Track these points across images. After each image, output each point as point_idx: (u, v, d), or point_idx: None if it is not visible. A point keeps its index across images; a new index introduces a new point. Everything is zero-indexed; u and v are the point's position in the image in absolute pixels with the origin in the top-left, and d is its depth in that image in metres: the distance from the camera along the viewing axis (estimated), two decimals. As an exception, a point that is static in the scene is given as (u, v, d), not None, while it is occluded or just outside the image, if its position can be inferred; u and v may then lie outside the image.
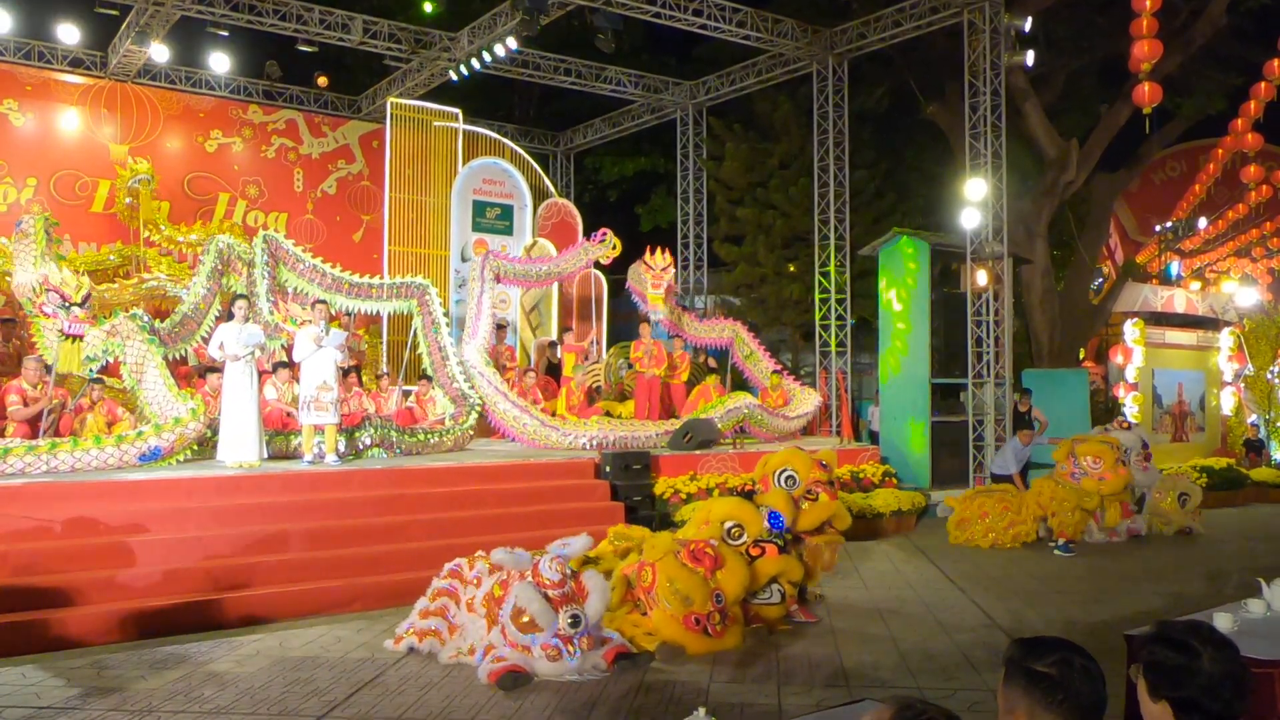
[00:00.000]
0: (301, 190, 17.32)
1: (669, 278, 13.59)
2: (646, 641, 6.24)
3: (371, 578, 7.87)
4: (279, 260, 11.44)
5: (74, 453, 8.54)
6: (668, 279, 13.57)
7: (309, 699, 5.41)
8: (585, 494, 10.15)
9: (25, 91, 15.04)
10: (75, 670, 5.92)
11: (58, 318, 9.54)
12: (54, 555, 7.11)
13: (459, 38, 15.49)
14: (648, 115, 19.87)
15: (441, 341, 12.03)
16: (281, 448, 9.94)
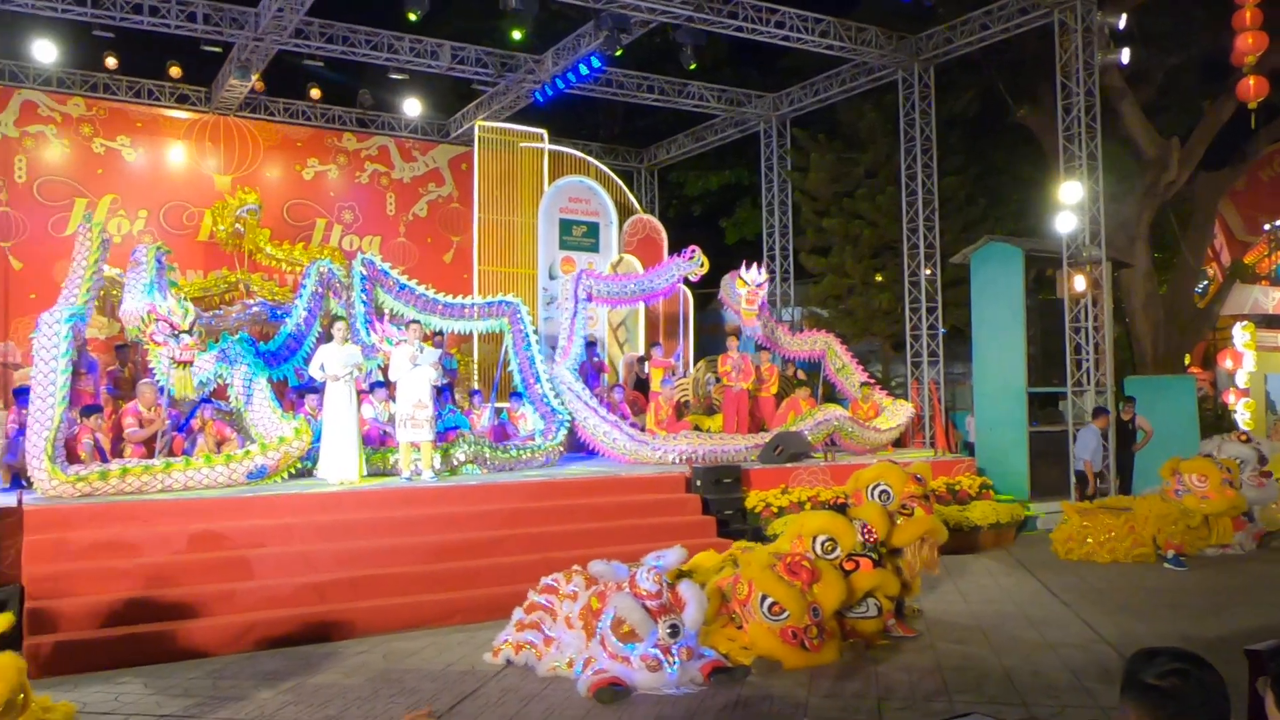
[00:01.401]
0: (394, 214, 17.79)
1: (764, 293, 13.51)
2: (743, 655, 6.23)
3: (470, 591, 8.02)
4: (376, 282, 11.77)
5: (186, 471, 8.92)
6: (763, 294, 13.50)
7: (413, 710, 5.52)
8: (676, 508, 10.16)
9: (136, 128, 15.80)
10: (194, 680, 6.17)
11: (168, 345, 9.98)
12: (172, 570, 7.42)
13: (543, 59, 15.75)
14: (731, 129, 19.89)
15: (532, 358, 12.20)
16: (380, 465, 10.21)
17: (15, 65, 15.20)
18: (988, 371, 13.92)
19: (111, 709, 5.62)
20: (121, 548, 7.55)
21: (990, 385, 13.84)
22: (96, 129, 15.35)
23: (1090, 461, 12.15)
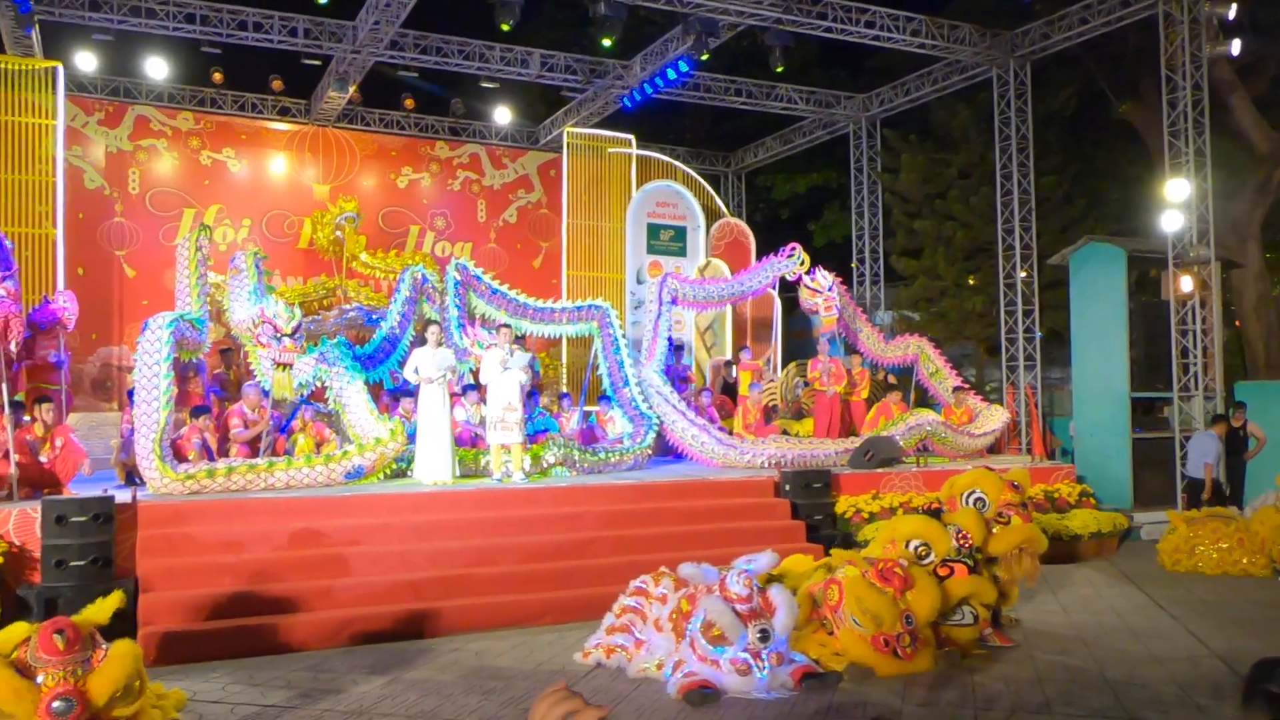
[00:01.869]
0: (484, 220, 18.08)
1: (838, 297, 13.30)
2: (834, 662, 6.15)
3: (560, 592, 8.09)
4: (469, 287, 11.98)
5: (288, 471, 9.21)
6: (837, 298, 13.29)
7: (506, 707, 5.61)
8: (765, 512, 10.09)
9: (241, 140, 16.40)
10: (295, 673, 6.36)
11: (271, 348, 10.33)
12: (275, 566, 7.67)
13: (631, 65, 15.85)
14: (820, 130, 19.70)
15: (621, 362, 12.26)
16: (472, 466, 10.39)
17: (130, 82, 15.94)
18: (1088, 376, 13.48)
19: (219, 698, 5.83)
20: (227, 544, 7.84)
21: (1091, 390, 13.40)
22: (204, 142, 15.97)
23: (1211, 464, 11.59)
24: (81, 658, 4.42)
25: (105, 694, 4.38)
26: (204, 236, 11.14)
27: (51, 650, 4.36)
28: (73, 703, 4.27)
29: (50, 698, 4.26)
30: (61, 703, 4.25)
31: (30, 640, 4.41)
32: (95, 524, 7.24)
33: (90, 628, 4.61)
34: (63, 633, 4.39)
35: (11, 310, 8.27)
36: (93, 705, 4.35)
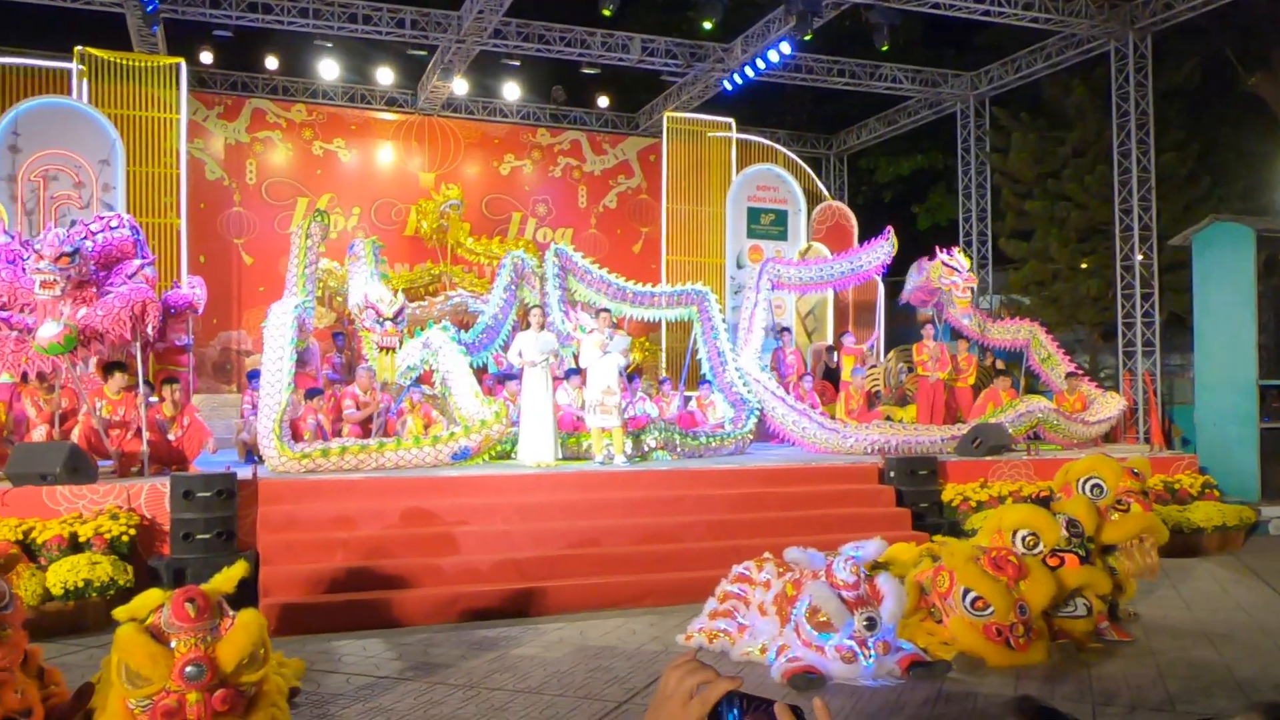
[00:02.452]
0: (585, 206, 18.21)
1: (975, 280, 12.97)
2: (942, 650, 6.03)
3: (661, 575, 8.12)
4: (569, 271, 12.09)
5: (398, 451, 9.47)
6: (974, 281, 12.95)
7: (610, 685, 5.66)
8: (869, 499, 9.94)
9: (350, 130, 16.86)
10: (407, 646, 6.55)
11: (375, 332, 10.62)
12: (386, 543, 7.90)
13: (732, 47, 15.72)
14: (925, 111, 19.20)
15: (721, 346, 12.21)
16: (574, 449, 10.50)
17: (247, 76, 16.53)
18: (1212, 363, 12.85)
19: (335, 668, 6.05)
20: (340, 520, 8.10)
21: (1214, 378, 12.78)
22: (316, 133, 16.47)
23: None
24: (210, 625, 4.62)
25: (233, 661, 4.57)
26: (316, 223, 11.49)
27: (183, 617, 4.56)
28: (203, 668, 4.46)
29: (183, 663, 4.46)
30: (193, 668, 4.44)
31: (164, 607, 4.63)
32: (219, 499, 7.57)
33: (218, 596, 4.81)
34: (194, 601, 4.59)
35: (149, 295, 8.68)
36: (221, 671, 4.54)
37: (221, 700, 4.48)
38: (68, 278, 8.48)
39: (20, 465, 7.83)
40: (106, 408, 9.06)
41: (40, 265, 8.37)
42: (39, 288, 8.42)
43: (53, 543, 7.19)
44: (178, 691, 4.44)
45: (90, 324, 8.44)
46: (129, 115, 13.85)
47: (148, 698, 4.45)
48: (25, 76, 13.77)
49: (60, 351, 8.27)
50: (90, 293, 8.78)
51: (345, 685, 5.71)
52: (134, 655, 4.44)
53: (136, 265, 9.42)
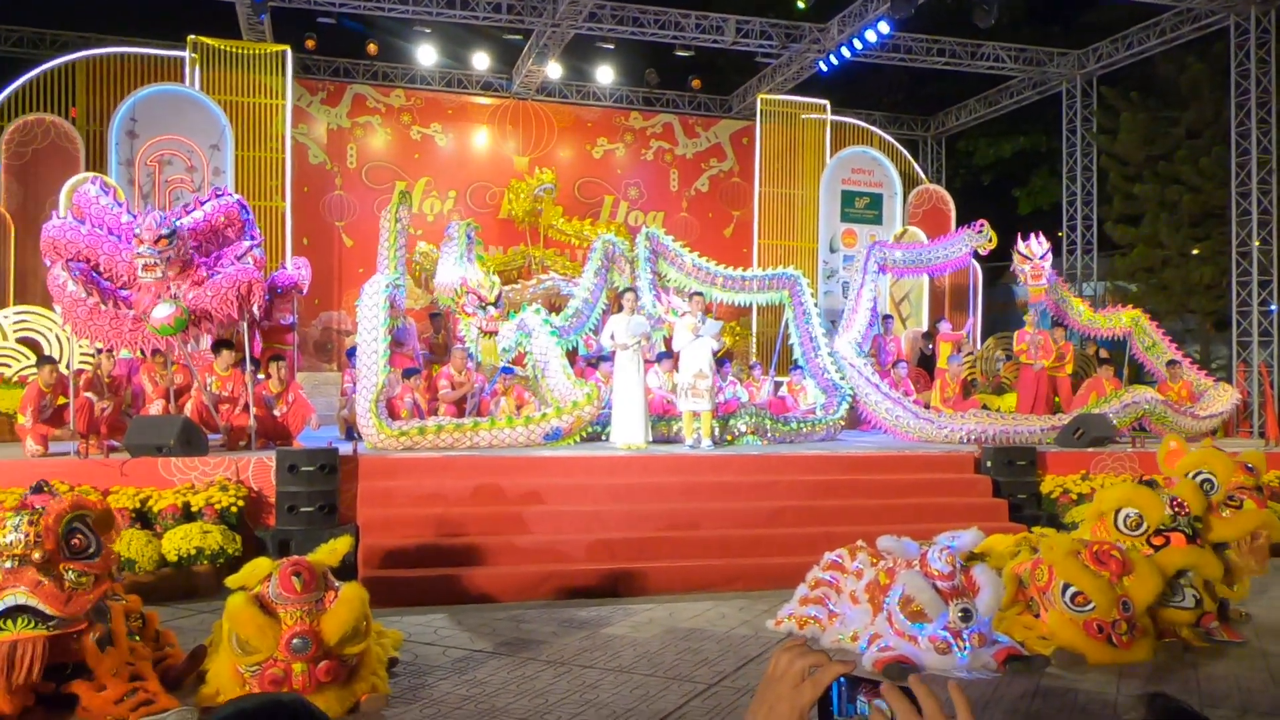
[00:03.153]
0: (676, 189, 18.18)
1: (1049, 266, 12.60)
2: (1040, 645, 5.88)
3: (750, 559, 8.11)
4: (659, 255, 12.10)
5: (491, 431, 9.64)
6: (1048, 267, 12.58)
7: (700, 667, 5.68)
8: (964, 489, 9.74)
9: (447, 115, 17.14)
10: (499, 621, 6.68)
11: (477, 316, 10.81)
12: (479, 520, 8.06)
13: (828, 28, 15.47)
14: (1029, 91, 18.60)
15: (813, 331, 12.09)
16: (664, 432, 10.54)
17: (348, 63, 16.94)
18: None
19: (431, 640, 6.20)
20: (436, 497, 8.29)
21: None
22: (414, 117, 16.79)
23: None
24: (316, 598, 4.80)
25: (336, 634, 4.74)
26: (404, 206, 11.71)
27: (290, 589, 4.75)
28: (309, 641, 4.64)
29: (289, 635, 4.65)
30: (299, 641, 4.63)
31: (271, 577, 4.82)
32: (322, 474, 7.82)
33: (323, 569, 4.99)
34: (300, 575, 4.78)
35: (255, 276, 9.00)
36: (325, 644, 4.72)
37: (325, 671, 4.65)
38: (166, 259, 8.79)
39: (138, 437, 8.22)
40: (216, 383, 9.45)
41: (141, 249, 8.71)
42: (141, 270, 8.78)
43: (167, 511, 7.53)
44: (284, 661, 4.63)
45: (200, 304, 8.79)
46: (238, 101, 14.33)
47: (256, 664, 4.65)
48: (142, 65, 14.35)
49: (172, 331, 8.63)
50: (200, 274, 9.12)
51: (441, 657, 5.85)
52: (244, 626, 4.63)
53: (246, 246, 9.74)
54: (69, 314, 8.76)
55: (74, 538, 4.54)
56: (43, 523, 4.44)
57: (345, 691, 4.83)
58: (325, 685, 4.71)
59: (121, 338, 8.92)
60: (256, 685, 4.67)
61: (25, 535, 4.38)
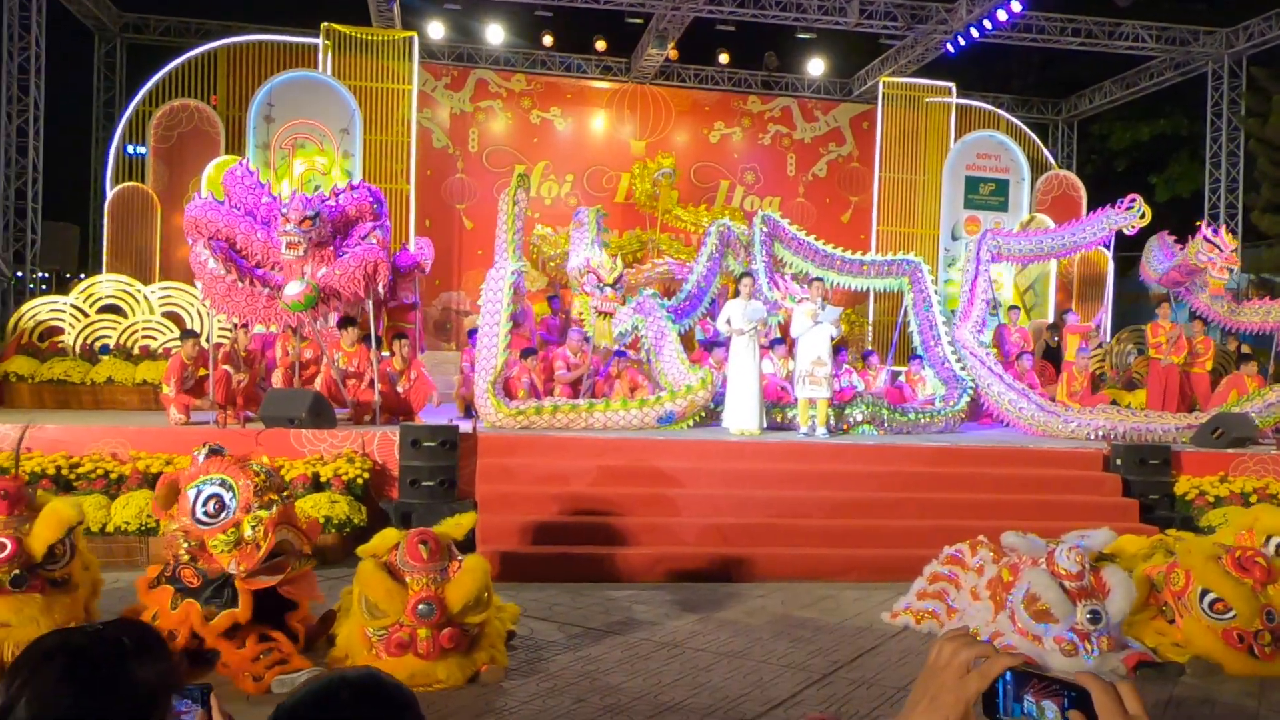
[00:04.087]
0: (793, 174, 17.96)
1: (1236, 260, 11.90)
2: (1174, 653, 5.63)
3: (865, 550, 7.98)
4: (776, 238, 11.98)
5: (605, 413, 9.73)
6: (1235, 262, 11.89)
7: (814, 656, 5.64)
8: (1091, 487, 9.37)
9: (565, 99, 17.31)
10: (613, 601, 6.75)
11: (594, 296, 10.90)
12: (593, 500, 8.14)
13: (956, 8, 15.02)
14: (1170, 72, 17.70)
15: (934, 320, 11.79)
16: (778, 419, 10.45)
17: (472, 48, 17.28)
18: None
19: (546, 615, 6.32)
20: (551, 476, 8.42)
21: None
22: (534, 102, 17.01)
23: None
24: (440, 567, 4.95)
25: (459, 603, 4.88)
26: (521, 189, 11.87)
27: (416, 557, 4.91)
28: (433, 607, 4.80)
29: (415, 601, 4.81)
30: (425, 606, 4.78)
31: (399, 546, 4.99)
32: (443, 449, 8.03)
33: (448, 541, 5.14)
34: (426, 543, 4.94)
35: (380, 256, 9.28)
36: (449, 611, 4.86)
37: (449, 638, 4.79)
38: (309, 239, 9.16)
39: (271, 409, 8.60)
40: (343, 359, 9.80)
41: (287, 228, 9.08)
42: (285, 249, 9.14)
43: (298, 481, 7.85)
44: (410, 626, 4.78)
45: (328, 282, 9.11)
46: (367, 86, 14.76)
47: (384, 629, 4.81)
48: (279, 51, 14.93)
49: (302, 308, 8.97)
50: (329, 253, 9.45)
51: (556, 633, 5.96)
52: (373, 589, 4.81)
53: (370, 227, 10.05)
54: (208, 290, 9.19)
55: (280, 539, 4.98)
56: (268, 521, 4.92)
57: (466, 660, 4.97)
58: (448, 651, 4.85)
59: (256, 313, 9.31)
60: (383, 650, 4.84)
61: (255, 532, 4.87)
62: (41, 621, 4.64)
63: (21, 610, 4.65)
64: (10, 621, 4.63)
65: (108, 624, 1.56)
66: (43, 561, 4.82)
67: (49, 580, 4.85)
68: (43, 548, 4.81)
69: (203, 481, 4.97)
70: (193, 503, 4.94)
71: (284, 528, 4.95)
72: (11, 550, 4.70)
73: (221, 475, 4.94)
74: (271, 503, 4.92)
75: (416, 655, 4.81)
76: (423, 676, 4.78)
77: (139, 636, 1.53)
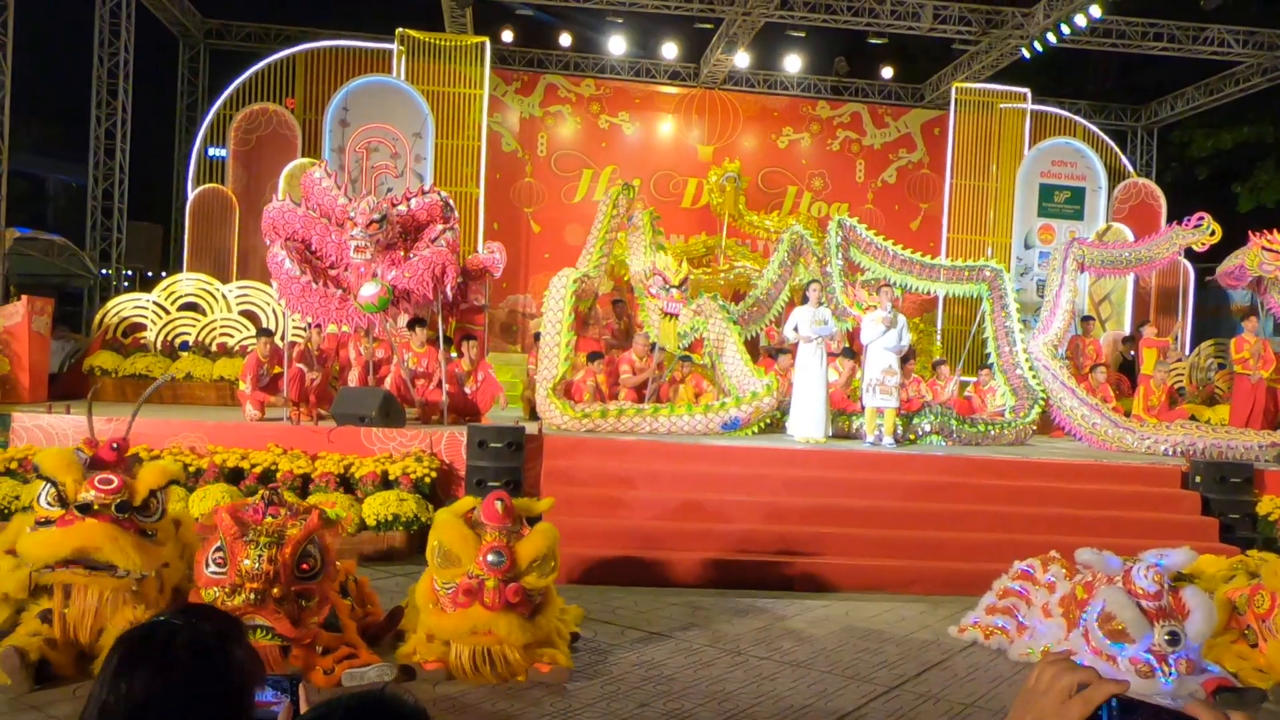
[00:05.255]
0: (862, 181, 17.77)
1: None
2: (1256, 678, 5.45)
3: (931, 562, 7.87)
4: (850, 243, 11.86)
5: (670, 417, 9.74)
6: None
7: (879, 669, 5.57)
8: (1168, 504, 9.11)
9: (634, 104, 17.37)
10: (674, 606, 6.75)
11: (660, 298, 10.91)
12: (656, 505, 8.16)
13: (1033, 13, 14.72)
14: (1257, 77, 17.10)
15: (1011, 329, 11.57)
16: (843, 427, 10.36)
17: (542, 53, 17.44)
18: None
19: (609, 619, 6.34)
20: (616, 480, 8.45)
21: None
22: (603, 106, 17.10)
23: None
24: (513, 527, 5.25)
25: (528, 558, 5.14)
26: (624, 195, 11.91)
27: (491, 514, 5.23)
28: (503, 556, 5.04)
29: (487, 549, 5.05)
30: (495, 555, 5.03)
31: (476, 508, 5.23)
32: (509, 450, 8.12)
33: (523, 508, 5.37)
34: (501, 501, 5.25)
35: (449, 258, 9.41)
36: (518, 565, 5.08)
37: (514, 592, 5.01)
38: (375, 242, 9.31)
39: (343, 407, 8.77)
40: (412, 359, 9.96)
41: (354, 232, 9.24)
42: (353, 252, 9.31)
43: (367, 478, 8.00)
44: (479, 576, 4.95)
45: (399, 284, 9.26)
46: (439, 91, 14.98)
47: (452, 582, 4.98)
48: (354, 57, 15.24)
49: (376, 309, 9.14)
50: (399, 255, 9.61)
51: (620, 637, 5.97)
52: (448, 535, 5.10)
53: (439, 230, 10.20)
54: (284, 290, 9.40)
55: (304, 562, 4.90)
56: (280, 558, 4.76)
57: (528, 625, 5.09)
58: (512, 607, 5.00)
59: (329, 314, 9.50)
60: (449, 602, 5.02)
61: (265, 571, 4.70)
62: (131, 557, 4.76)
63: (116, 539, 4.76)
64: (103, 548, 4.74)
65: (188, 609, 1.60)
66: (140, 508, 4.98)
67: (141, 530, 4.99)
68: (145, 490, 5.00)
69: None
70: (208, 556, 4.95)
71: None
72: (118, 484, 4.89)
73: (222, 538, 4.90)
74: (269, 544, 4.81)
75: (482, 605, 4.96)
76: (484, 628, 4.95)
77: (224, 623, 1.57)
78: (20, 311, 10.19)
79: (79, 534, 4.73)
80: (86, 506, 4.80)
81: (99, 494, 4.84)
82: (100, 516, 4.79)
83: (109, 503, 4.82)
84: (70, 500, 4.86)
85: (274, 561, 4.72)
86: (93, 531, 4.75)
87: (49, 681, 4.74)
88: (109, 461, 5.21)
